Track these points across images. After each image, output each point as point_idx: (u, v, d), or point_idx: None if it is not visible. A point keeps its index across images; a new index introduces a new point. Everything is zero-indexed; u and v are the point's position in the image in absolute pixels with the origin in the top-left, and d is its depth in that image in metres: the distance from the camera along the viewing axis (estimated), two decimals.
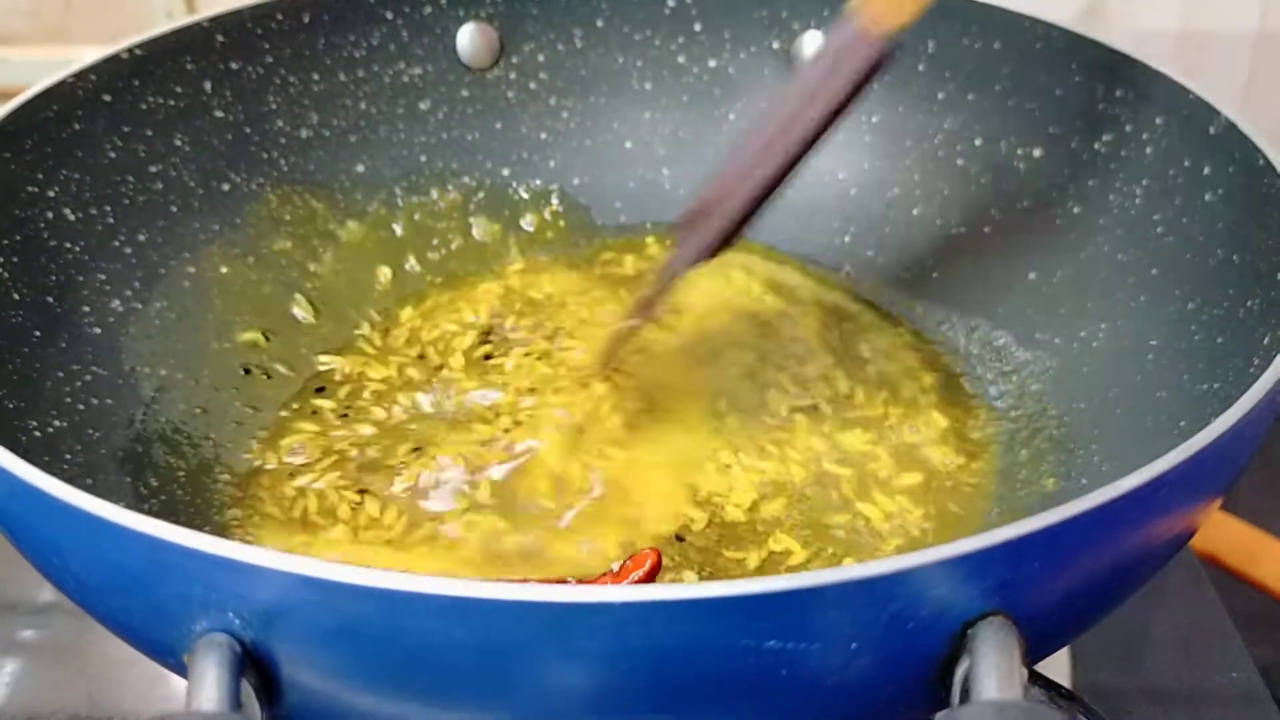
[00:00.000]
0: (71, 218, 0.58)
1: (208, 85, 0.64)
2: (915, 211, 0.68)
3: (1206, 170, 0.57)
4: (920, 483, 0.57)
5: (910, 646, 0.37)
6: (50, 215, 0.57)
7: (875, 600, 0.36)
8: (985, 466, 0.58)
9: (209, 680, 0.36)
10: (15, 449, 0.40)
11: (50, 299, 0.56)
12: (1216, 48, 0.58)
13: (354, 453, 0.58)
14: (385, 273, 0.68)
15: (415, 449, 0.58)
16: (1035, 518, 0.37)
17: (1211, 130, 0.56)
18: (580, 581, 0.51)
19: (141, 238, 0.61)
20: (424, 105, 0.70)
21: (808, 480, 0.57)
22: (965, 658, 0.37)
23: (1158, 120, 0.59)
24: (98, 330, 0.57)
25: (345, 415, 0.61)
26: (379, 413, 0.61)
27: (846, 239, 0.70)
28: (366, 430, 0.60)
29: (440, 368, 0.63)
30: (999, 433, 0.59)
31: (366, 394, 0.62)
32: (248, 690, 0.37)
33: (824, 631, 0.36)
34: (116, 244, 0.60)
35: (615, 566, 0.50)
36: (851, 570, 0.35)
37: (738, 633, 0.35)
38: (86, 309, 0.57)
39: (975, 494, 0.57)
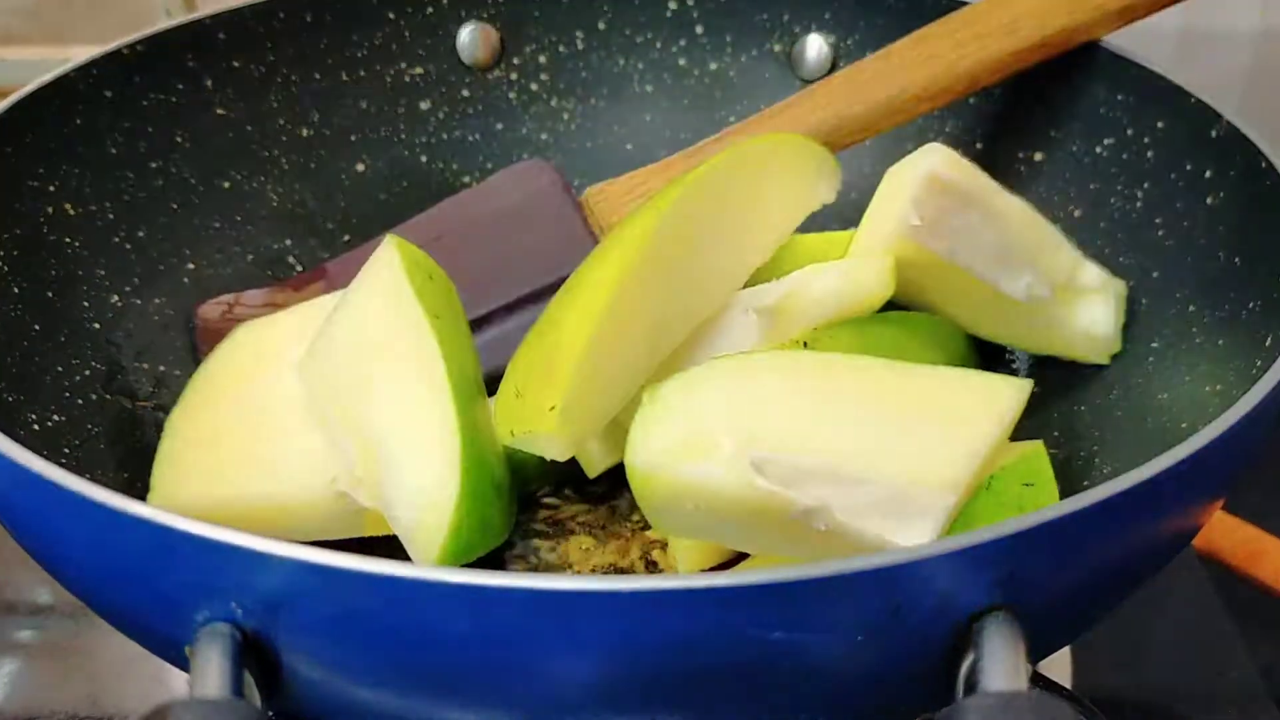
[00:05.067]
0: (72, 213, 0.58)
1: (209, 82, 0.64)
2: None
3: (1208, 174, 0.57)
4: None
5: (915, 639, 0.37)
6: (51, 210, 0.57)
7: (881, 591, 0.36)
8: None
9: (211, 668, 0.36)
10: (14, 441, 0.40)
11: (50, 294, 0.55)
12: (1217, 47, 0.57)
13: None
14: None
15: None
16: (1040, 511, 0.37)
17: (1213, 134, 0.56)
18: None
19: (141, 234, 0.61)
20: (425, 105, 0.70)
21: None
22: (970, 651, 0.37)
23: (1159, 124, 0.60)
24: (97, 325, 0.57)
25: None
26: None
27: None
28: None
29: None
30: None
31: None
32: (249, 681, 0.37)
33: (829, 623, 0.36)
34: (116, 240, 0.60)
35: None
36: (857, 561, 0.35)
37: (744, 623, 0.35)
38: (86, 304, 0.57)
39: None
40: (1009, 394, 0.47)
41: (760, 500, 0.44)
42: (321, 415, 0.49)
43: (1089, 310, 0.57)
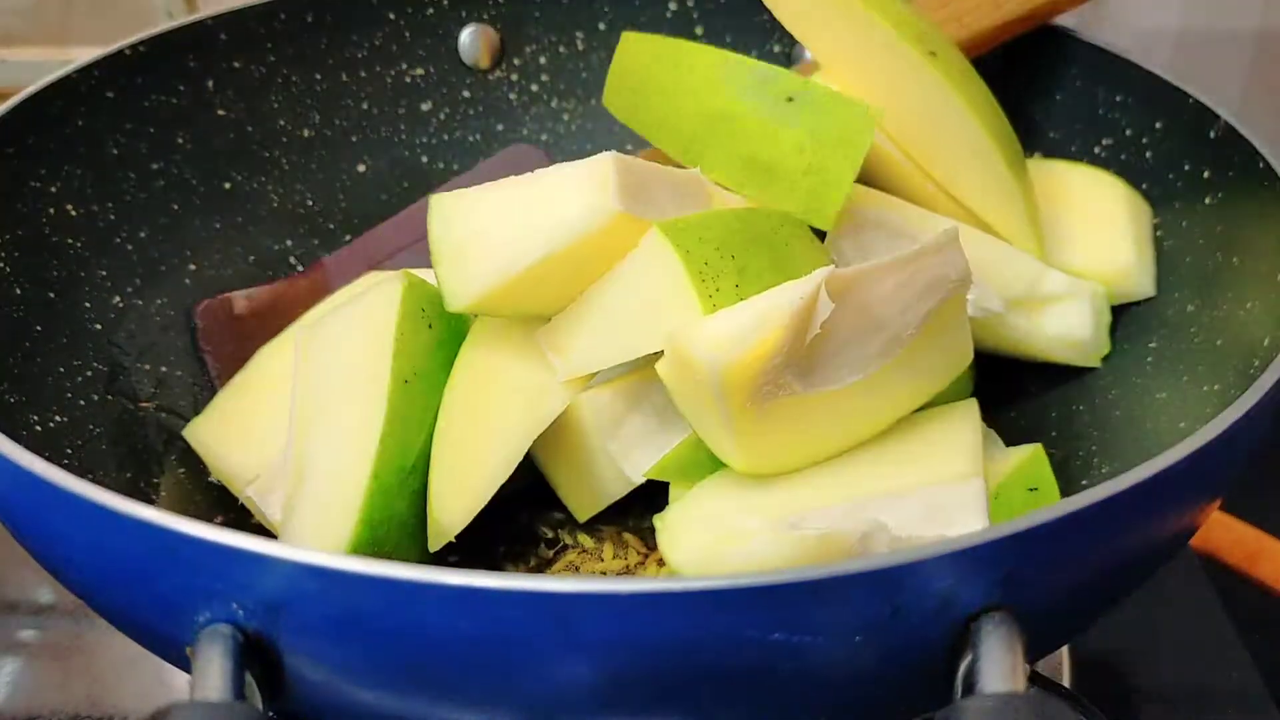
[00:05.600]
0: (74, 214, 0.58)
1: (210, 83, 0.64)
2: None
3: (1206, 174, 0.57)
4: None
5: (914, 640, 0.37)
6: (52, 211, 0.57)
7: (879, 593, 0.36)
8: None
9: (213, 670, 0.36)
10: (16, 442, 0.40)
11: (52, 294, 0.56)
12: (1217, 47, 0.57)
13: None
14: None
15: None
16: (1038, 511, 0.37)
17: (1212, 134, 0.57)
18: None
19: (143, 235, 0.61)
20: (425, 106, 0.70)
21: None
22: (968, 652, 0.37)
23: (1157, 124, 0.60)
24: (98, 326, 0.57)
25: None
26: None
27: None
28: None
29: None
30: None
31: None
32: (250, 682, 0.37)
33: (828, 624, 0.36)
34: (118, 240, 0.60)
35: None
36: (856, 562, 0.35)
37: (743, 624, 0.35)
38: (88, 305, 0.57)
39: None
40: (965, 408, 0.50)
41: (815, 546, 0.44)
42: (290, 417, 0.50)
43: (1060, 317, 0.57)
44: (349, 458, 0.47)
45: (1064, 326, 0.57)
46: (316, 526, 0.47)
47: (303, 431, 0.49)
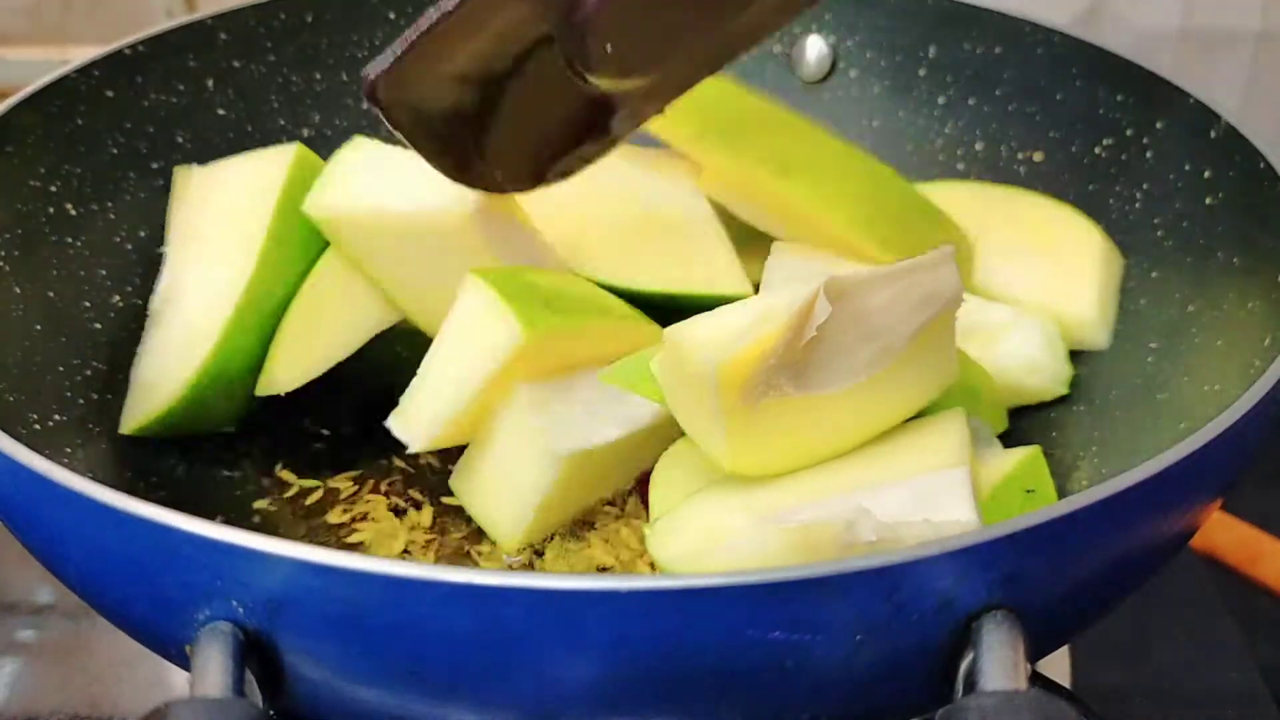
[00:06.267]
0: (73, 213, 0.58)
1: (210, 83, 0.64)
2: None
3: (1207, 174, 0.57)
4: None
5: (915, 639, 0.37)
6: (52, 210, 0.57)
7: (880, 591, 0.36)
8: None
9: (213, 667, 0.36)
10: (16, 441, 0.40)
11: (51, 293, 0.56)
12: (1217, 48, 0.57)
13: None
14: None
15: None
16: (1040, 511, 0.37)
17: (1212, 134, 0.57)
18: None
19: (143, 234, 0.60)
20: None
21: None
22: (969, 651, 0.37)
23: (1158, 124, 0.60)
24: (98, 325, 0.57)
25: None
26: None
27: None
28: None
29: None
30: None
31: None
32: (250, 680, 0.37)
33: (829, 622, 0.36)
34: (118, 240, 0.60)
35: None
36: (856, 561, 0.35)
37: (742, 623, 0.35)
38: (87, 304, 0.57)
39: None
40: (952, 415, 0.49)
41: (802, 539, 0.44)
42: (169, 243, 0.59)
43: (1015, 348, 0.57)
44: (220, 291, 0.55)
45: (1021, 355, 0.57)
46: (178, 345, 0.55)
47: (179, 260, 0.57)
